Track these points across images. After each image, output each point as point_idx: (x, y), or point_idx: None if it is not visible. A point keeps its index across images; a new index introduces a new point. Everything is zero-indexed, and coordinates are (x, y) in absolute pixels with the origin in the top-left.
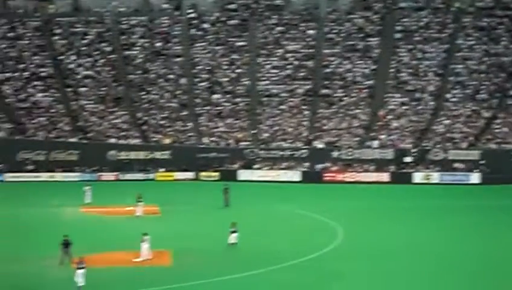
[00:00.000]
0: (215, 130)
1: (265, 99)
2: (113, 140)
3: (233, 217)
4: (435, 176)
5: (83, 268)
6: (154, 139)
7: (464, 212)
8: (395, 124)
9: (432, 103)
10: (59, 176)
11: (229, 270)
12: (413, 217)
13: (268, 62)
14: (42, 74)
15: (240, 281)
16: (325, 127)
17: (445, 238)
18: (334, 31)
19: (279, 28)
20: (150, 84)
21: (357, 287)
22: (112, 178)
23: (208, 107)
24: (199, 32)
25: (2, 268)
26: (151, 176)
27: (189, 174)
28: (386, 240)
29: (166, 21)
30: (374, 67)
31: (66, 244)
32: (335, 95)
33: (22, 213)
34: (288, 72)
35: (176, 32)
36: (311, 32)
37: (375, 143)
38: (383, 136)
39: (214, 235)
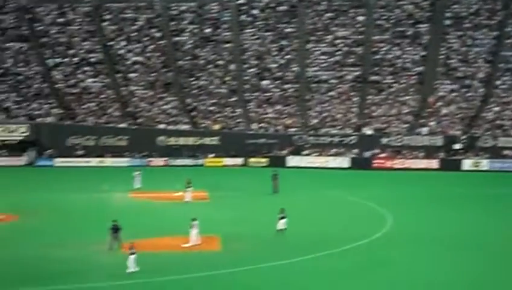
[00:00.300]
0: (264, 116)
1: (314, 85)
2: (162, 126)
3: (282, 203)
4: (484, 163)
5: (134, 254)
6: (203, 125)
7: None
8: (444, 110)
9: (482, 89)
10: (108, 162)
11: (278, 256)
12: (463, 205)
13: (317, 48)
14: (92, 60)
15: (289, 267)
16: (374, 114)
17: (494, 226)
18: (384, 17)
19: (328, 14)
20: (199, 70)
21: (405, 274)
22: (161, 164)
23: (256, 93)
24: (248, 18)
25: (51, 253)
26: (200, 161)
27: (238, 160)
28: (435, 227)
29: (215, 7)
30: (423, 53)
31: (115, 230)
32: (384, 81)
33: (72, 198)
34: (337, 58)
35: (225, 18)
36: (360, 18)
37: (425, 130)
38: (432, 123)
39: (263, 221)
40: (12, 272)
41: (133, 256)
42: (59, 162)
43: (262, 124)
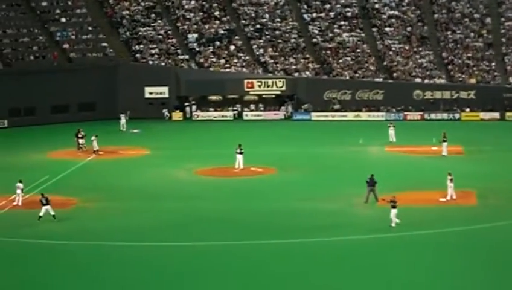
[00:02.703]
0: None
1: None
2: (418, 80)
3: None
4: None
5: (395, 207)
6: (460, 79)
7: None
8: None
9: None
10: (364, 116)
11: None
12: None
13: None
14: (348, 14)
15: None
16: None
17: None
18: None
19: None
20: (455, 24)
21: None
22: (417, 118)
23: None
24: None
25: (308, 206)
26: (456, 116)
27: (495, 115)
28: None
29: None
30: None
31: (372, 183)
32: None
33: (328, 152)
34: None
35: None
36: None
37: None
38: None
39: None
40: (269, 224)
41: (395, 210)
42: (316, 116)
43: None
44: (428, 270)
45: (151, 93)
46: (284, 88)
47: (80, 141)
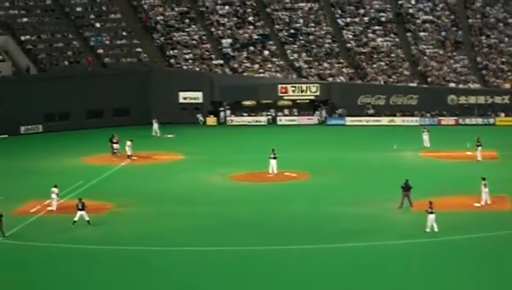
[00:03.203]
0: None
1: None
2: (452, 85)
3: None
4: None
5: (433, 213)
6: (494, 83)
7: None
8: None
9: None
10: (398, 120)
11: None
12: None
13: None
14: (382, 19)
15: None
16: None
17: None
18: None
19: None
20: (490, 29)
21: None
22: (452, 123)
23: None
24: None
25: (342, 211)
26: (491, 121)
27: None
28: None
29: None
30: None
31: (407, 188)
32: None
33: (362, 157)
34: None
35: None
36: None
37: None
38: None
39: None
40: (303, 229)
41: (432, 215)
42: (350, 121)
43: None
44: (462, 276)
45: (185, 98)
46: (318, 93)
47: (114, 146)
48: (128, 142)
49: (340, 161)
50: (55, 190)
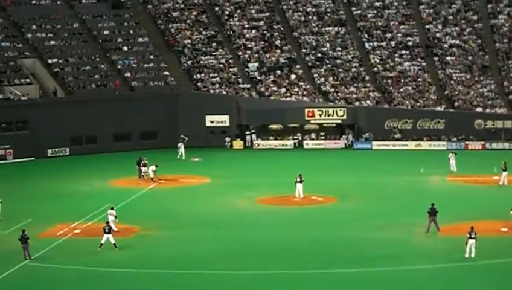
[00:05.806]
0: None
1: None
2: (479, 109)
3: None
4: None
5: (472, 238)
6: None
7: None
8: None
9: None
10: (425, 145)
11: None
12: None
13: None
14: (409, 43)
15: None
16: None
17: None
18: None
19: None
20: None
21: None
22: (479, 147)
23: None
24: None
25: (370, 235)
26: None
27: None
28: None
29: None
30: None
31: (433, 213)
32: None
33: (389, 181)
34: None
35: None
36: None
37: None
38: None
39: None
40: (330, 253)
41: (472, 240)
42: (376, 145)
43: None
44: None
45: (212, 121)
46: (344, 117)
47: (143, 169)
48: (153, 167)
49: (367, 185)
50: (112, 212)
